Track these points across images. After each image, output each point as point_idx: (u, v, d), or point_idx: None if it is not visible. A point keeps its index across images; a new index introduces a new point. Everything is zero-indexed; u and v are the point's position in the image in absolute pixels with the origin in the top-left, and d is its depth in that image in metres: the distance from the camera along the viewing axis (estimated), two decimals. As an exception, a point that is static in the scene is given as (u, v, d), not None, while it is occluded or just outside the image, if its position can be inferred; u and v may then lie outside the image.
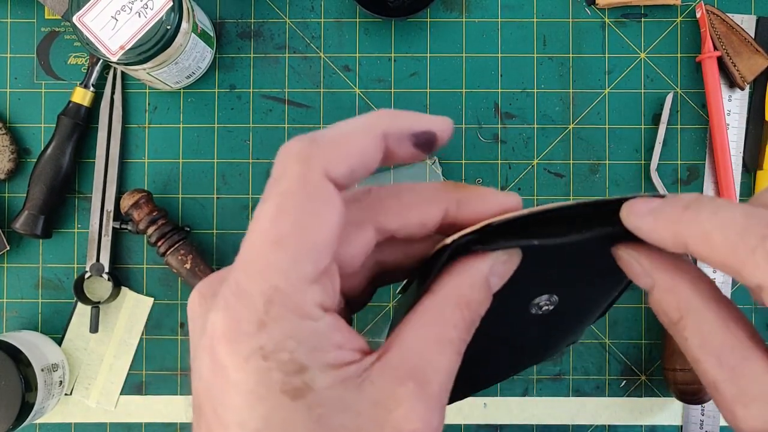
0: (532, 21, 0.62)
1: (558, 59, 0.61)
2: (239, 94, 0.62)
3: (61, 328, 0.62)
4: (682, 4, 0.61)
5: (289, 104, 0.62)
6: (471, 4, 0.62)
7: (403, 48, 0.62)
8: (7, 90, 0.62)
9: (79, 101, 0.60)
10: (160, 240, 0.58)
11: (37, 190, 0.59)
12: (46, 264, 0.62)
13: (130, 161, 0.62)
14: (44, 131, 0.62)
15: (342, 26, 0.62)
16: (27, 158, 0.62)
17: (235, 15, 0.62)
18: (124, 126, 0.62)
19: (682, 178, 0.62)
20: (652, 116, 0.62)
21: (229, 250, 0.62)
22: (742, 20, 0.61)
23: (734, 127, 0.61)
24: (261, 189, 0.62)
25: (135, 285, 0.62)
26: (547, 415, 0.61)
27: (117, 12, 0.51)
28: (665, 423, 0.61)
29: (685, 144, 0.62)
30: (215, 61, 0.62)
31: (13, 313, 0.62)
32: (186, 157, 0.62)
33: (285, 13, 0.62)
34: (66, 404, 0.62)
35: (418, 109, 0.61)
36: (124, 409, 0.62)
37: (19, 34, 0.62)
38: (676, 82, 0.61)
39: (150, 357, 0.62)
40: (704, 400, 0.57)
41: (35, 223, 0.59)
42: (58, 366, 0.59)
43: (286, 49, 0.62)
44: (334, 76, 0.62)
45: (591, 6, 0.61)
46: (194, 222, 0.62)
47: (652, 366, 0.61)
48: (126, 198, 0.58)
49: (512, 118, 0.62)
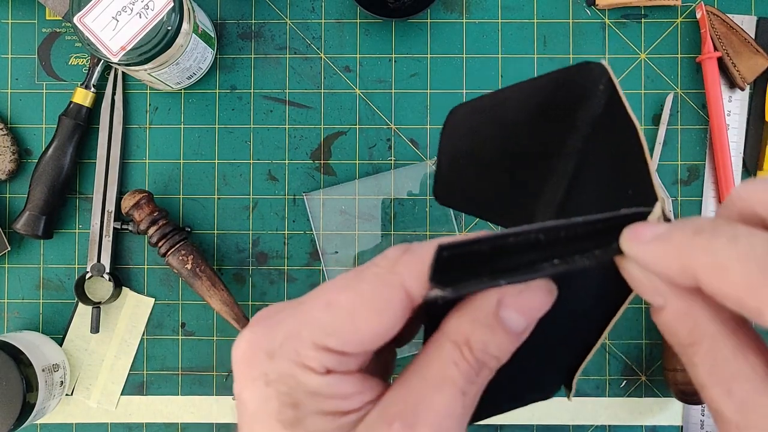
0: (533, 22, 0.62)
1: (558, 60, 0.62)
2: (240, 94, 0.62)
3: (62, 329, 0.62)
4: (682, 5, 0.61)
5: (290, 105, 0.62)
6: (471, 5, 0.62)
7: (404, 49, 0.62)
8: (8, 91, 0.62)
9: (80, 102, 0.60)
10: (161, 240, 0.58)
11: (38, 190, 0.59)
12: (47, 264, 0.62)
13: (131, 162, 0.62)
14: (45, 132, 0.62)
15: (342, 27, 0.62)
16: (28, 159, 0.62)
17: (236, 16, 0.62)
18: (125, 127, 0.62)
19: (683, 178, 0.62)
20: (653, 117, 0.62)
21: (230, 250, 0.62)
22: (742, 21, 0.61)
23: (734, 128, 0.61)
24: (261, 189, 0.63)
25: (136, 285, 0.62)
26: (547, 415, 0.61)
27: (118, 13, 0.51)
28: (665, 423, 0.61)
29: (685, 144, 0.62)
30: (216, 62, 0.62)
31: (14, 314, 0.62)
32: (187, 157, 0.62)
33: (286, 14, 0.62)
34: (67, 404, 0.62)
35: (418, 109, 0.62)
36: (125, 410, 0.62)
37: (20, 35, 0.62)
38: (676, 82, 0.62)
39: (151, 357, 0.62)
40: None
41: (36, 224, 0.59)
42: (59, 366, 0.59)
43: (286, 50, 0.62)
44: (334, 76, 0.62)
45: (591, 7, 0.62)
46: (195, 222, 0.62)
47: (653, 366, 0.61)
48: (127, 198, 0.58)
49: (512, 119, 0.62)
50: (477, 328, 0.21)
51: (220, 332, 0.62)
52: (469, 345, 0.21)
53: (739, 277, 0.17)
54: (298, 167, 0.62)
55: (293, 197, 0.62)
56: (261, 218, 0.62)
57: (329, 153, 0.62)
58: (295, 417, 0.21)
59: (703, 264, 0.18)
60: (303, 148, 0.62)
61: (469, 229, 0.61)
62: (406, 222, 0.61)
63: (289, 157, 0.62)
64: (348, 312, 0.21)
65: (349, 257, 0.61)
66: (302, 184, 0.62)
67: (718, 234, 0.18)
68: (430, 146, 0.62)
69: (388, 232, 0.61)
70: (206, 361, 0.62)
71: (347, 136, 0.62)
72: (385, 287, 0.21)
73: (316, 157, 0.62)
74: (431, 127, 0.62)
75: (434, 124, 0.62)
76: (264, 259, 0.62)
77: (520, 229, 0.21)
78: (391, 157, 0.62)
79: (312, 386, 0.21)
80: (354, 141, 0.62)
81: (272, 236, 0.62)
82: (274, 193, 0.62)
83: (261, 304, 0.62)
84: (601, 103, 0.23)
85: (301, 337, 0.21)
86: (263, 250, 0.62)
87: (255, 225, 0.62)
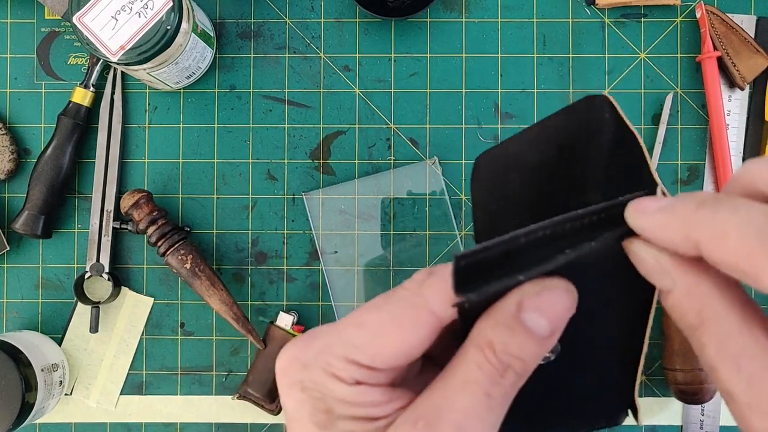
0: (532, 21, 0.62)
1: (558, 59, 0.61)
2: (239, 94, 0.62)
3: (61, 328, 0.62)
4: (682, 4, 0.61)
5: (289, 104, 0.62)
6: (471, 4, 0.62)
7: (403, 48, 0.62)
8: (7, 90, 0.62)
9: (79, 101, 0.60)
10: (160, 240, 0.58)
11: (37, 190, 0.59)
12: (46, 264, 0.62)
13: (130, 161, 0.62)
14: (44, 131, 0.62)
15: (342, 26, 0.62)
16: (27, 158, 0.62)
17: (235, 15, 0.62)
18: (124, 126, 0.62)
19: (682, 178, 0.62)
20: (652, 116, 0.62)
21: (229, 250, 0.62)
22: (742, 20, 0.61)
23: (734, 128, 0.61)
24: (260, 189, 0.63)
25: (135, 285, 0.62)
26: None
27: (117, 12, 0.51)
28: (665, 423, 0.61)
29: (685, 144, 0.62)
30: (215, 61, 0.62)
31: (14, 314, 0.62)
32: (186, 157, 0.62)
33: (285, 13, 0.62)
34: (66, 404, 0.62)
35: (418, 109, 0.61)
36: (124, 409, 0.62)
37: (19, 35, 0.62)
38: (676, 82, 0.61)
39: (150, 357, 0.62)
40: (704, 400, 0.57)
41: (35, 224, 0.59)
42: (58, 366, 0.59)
43: (286, 49, 0.62)
44: (334, 76, 0.62)
45: (591, 6, 0.61)
46: (194, 222, 0.62)
47: (652, 366, 0.61)
48: (126, 198, 0.58)
49: (512, 118, 0.62)
50: (498, 330, 0.21)
51: (219, 332, 0.62)
52: (491, 347, 0.21)
53: (737, 243, 0.18)
54: (298, 167, 0.62)
55: (292, 197, 0.62)
56: (260, 218, 0.62)
57: (328, 152, 0.62)
58: (327, 420, 0.23)
59: (704, 232, 0.18)
60: (302, 147, 0.62)
61: (468, 228, 0.61)
62: (405, 222, 0.61)
63: (288, 156, 0.62)
64: (375, 331, 0.23)
65: (348, 257, 0.61)
66: (301, 183, 0.62)
67: (719, 205, 0.18)
68: (429, 146, 0.62)
69: (387, 232, 0.61)
70: (205, 360, 0.62)
71: (347, 135, 0.62)
72: (409, 308, 0.23)
73: (316, 156, 0.62)
74: (431, 126, 0.62)
75: (434, 123, 0.62)
76: (263, 258, 0.62)
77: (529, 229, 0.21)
78: (390, 157, 0.62)
79: (341, 395, 0.23)
80: (353, 140, 0.62)
81: (271, 236, 0.62)
82: (274, 192, 0.62)
83: (260, 304, 0.62)
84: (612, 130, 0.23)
85: (333, 351, 0.23)
86: (262, 249, 0.62)
87: (254, 224, 0.62)
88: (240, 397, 0.58)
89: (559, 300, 0.21)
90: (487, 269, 0.21)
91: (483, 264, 0.21)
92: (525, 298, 0.21)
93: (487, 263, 0.21)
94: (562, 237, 0.21)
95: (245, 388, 0.58)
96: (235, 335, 0.62)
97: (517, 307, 0.21)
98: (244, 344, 0.62)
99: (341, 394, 0.23)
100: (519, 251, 0.21)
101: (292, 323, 0.59)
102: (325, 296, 0.61)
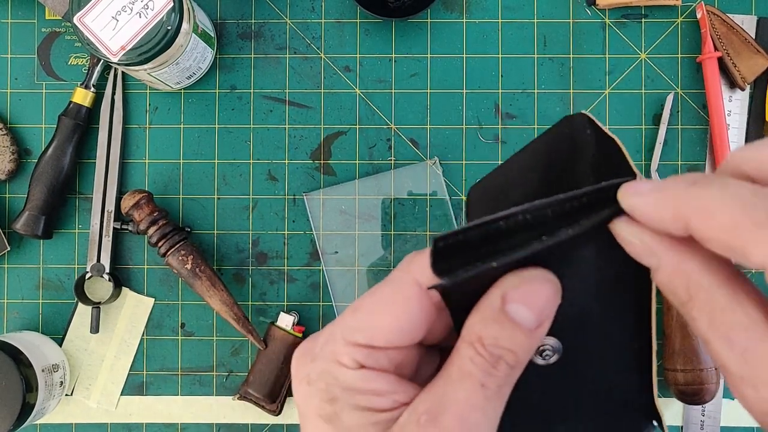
0: (533, 22, 0.62)
1: (558, 60, 0.61)
2: (240, 94, 0.62)
3: (61, 329, 0.62)
4: (683, 5, 0.61)
5: (290, 105, 0.62)
6: (471, 5, 0.62)
7: (404, 49, 0.62)
8: (7, 90, 0.62)
9: (79, 102, 0.60)
10: (161, 240, 0.58)
11: (37, 190, 0.59)
12: (47, 264, 0.62)
13: (131, 162, 0.62)
14: (45, 132, 0.62)
15: (342, 27, 0.62)
16: (28, 159, 0.62)
17: (236, 15, 0.62)
18: (125, 126, 0.62)
19: (683, 178, 0.62)
20: (653, 117, 0.62)
21: (230, 250, 0.62)
22: (742, 21, 0.61)
23: (734, 128, 0.61)
24: (261, 189, 0.63)
25: (136, 285, 0.62)
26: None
27: (117, 12, 0.51)
28: (666, 423, 0.61)
29: (685, 144, 0.62)
30: (216, 62, 0.62)
31: (14, 314, 0.62)
32: (186, 157, 0.62)
33: (285, 14, 0.62)
34: (67, 405, 0.62)
35: (418, 109, 0.62)
36: (125, 410, 0.62)
37: (19, 35, 0.62)
38: (676, 82, 0.61)
39: (150, 357, 0.62)
40: (705, 401, 0.57)
41: (36, 224, 0.59)
42: (58, 366, 0.59)
43: (286, 50, 0.62)
44: (334, 76, 0.62)
45: (591, 6, 0.61)
46: (195, 222, 0.62)
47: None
48: (127, 198, 0.58)
49: (513, 119, 0.62)
50: (486, 324, 0.22)
51: (219, 332, 0.62)
52: (481, 342, 0.22)
53: (725, 218, 0.18)
54: (298, 167, 0.62)
55: (293, 197, 0.62)
56: (261, 218, 0.62)
57: (329, 153, 0.62)
58: (333, 411, 0.23)
59: (694, 209, 0.19)
60: (303, 148, 0.62)
61: (469, 229, 0.61)
62: (406, 222, 0.61)
63: (289, 157, 0.62)
64: (370, 310, 0.24)
65: (349, 257, 0.61)
66: (302, 184, 0.62)
67: (709, 182, 0.19)
68: (430, 146, 0.62)
69: (388, 232, 0.61)
70: (206, 361, 0.62)
71: (347, 136, 0.62)
72: (400, 285, 0.24)
73: (316, 157, 0.62)
74: (431, 126, 0.62)
75: (434, 124, 0.62)
76: (264, 259, 0.62)
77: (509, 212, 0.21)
78: (391, 157, 0.62)
79: (346, 381, 0.23)
80: (354, 141, 0.62)
81: (272, 236, 0.62)
82: (274, 193, 0.62)
83: (261, 305, 0.62)
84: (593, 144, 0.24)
85: (335, 338, 0.24)
86: (263, 250, 0.62)
87: (255, 225, 0.62)
88: (240, 397, 0.58)
89: (540, 290, 0.21)
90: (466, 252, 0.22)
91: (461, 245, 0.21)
92: (508, 290, 0.21)
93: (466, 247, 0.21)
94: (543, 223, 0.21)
95: (246, 389, 0.58)
96: (236, 336, 0.62)
97: (502, 301, 0.21)
98: (244, 345, 0.62)
99: (346, 381, 0.23)
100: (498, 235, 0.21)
101: (292, 324, 0.59)
102: (325, 296, 0.62)
